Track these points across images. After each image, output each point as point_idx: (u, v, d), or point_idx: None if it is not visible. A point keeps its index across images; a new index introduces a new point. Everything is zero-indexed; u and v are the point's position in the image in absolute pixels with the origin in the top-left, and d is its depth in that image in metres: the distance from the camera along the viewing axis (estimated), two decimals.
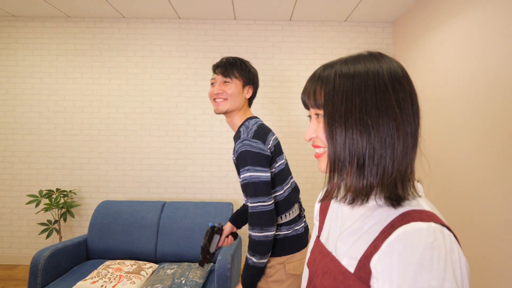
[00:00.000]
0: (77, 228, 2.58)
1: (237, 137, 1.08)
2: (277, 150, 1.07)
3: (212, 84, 1.14)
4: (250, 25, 2.68)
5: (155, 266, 2.00)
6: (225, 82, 1.10)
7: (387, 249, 0.40)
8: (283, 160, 1.09)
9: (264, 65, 2.67)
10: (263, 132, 1.05)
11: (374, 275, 0.42)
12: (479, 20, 1.77)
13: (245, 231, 2.61)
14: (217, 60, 2.65)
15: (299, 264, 1.04)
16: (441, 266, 0.36)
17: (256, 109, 2.63)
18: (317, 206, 0.68)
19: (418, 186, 0.47)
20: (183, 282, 1.76)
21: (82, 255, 2.16)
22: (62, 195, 2.47)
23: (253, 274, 1.00)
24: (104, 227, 2.20)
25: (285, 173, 1.09)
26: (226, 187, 2.60)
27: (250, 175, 0.98)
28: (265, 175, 0.99)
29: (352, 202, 0.47)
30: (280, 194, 1.06)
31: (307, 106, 0.53)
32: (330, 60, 0.52)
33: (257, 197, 0.97)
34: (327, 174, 0.48)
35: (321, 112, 0.48)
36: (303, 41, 2.70)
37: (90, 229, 2.20)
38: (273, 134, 1.11)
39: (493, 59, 1.65)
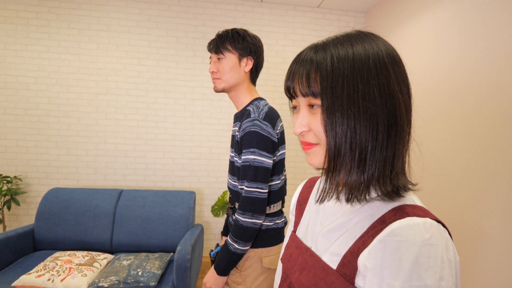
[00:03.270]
0: (24, 216, 2.38)
1: (243, 115, 1.02)
2: (282, 138, 1.04)
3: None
4: (218, 3, 2.51)
5: (110, 257, 1.91)
6: (219, 58, 1.03)
7: (379, 245, 0.37)
8: (285, 150, 1.07)
9: None
10: (273, 116, 1.01)
11: (360, 272, 0.39)
12: (450, 12, 1.80)
13: (208, 219, 2.58)
14: (181, 39, 2.48)
15: (276, 258, 1.04)
16: (437, 264, 0.34)
17: (223, 95, 2.53)
18: (294, 200, 0.65)
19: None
20: (140, 273, 1.70)
21: (28, 246, 2.01)
22: (5, 181, 2.24)
23: (231, 260, 0.98)
24: (54, 216, 2.05)
25: (284, 163, 1.07)
26: (189, 175, 2.52)
27: (254, 158, 0.94)
28: (268, 161, 0.96)
29: (351, 198, 0.43)
30: (276, 184, 1.04)
31: (293, 95, 0.46)
32: (302, 47, 0.46)
33: (256, 182, 0.94)
34: (326, 172, 0.44)
35: (317, 101, 0.42)
36: (274, 25, 2.60)
37: (37, 218, 2.04)
38: (281, 121, 1.07)
39: (467, 49, 1.67)
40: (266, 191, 0.96)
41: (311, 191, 0.61)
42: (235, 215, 0.97)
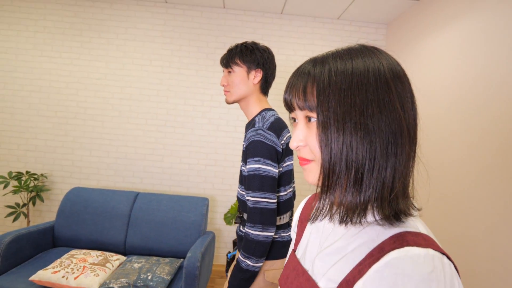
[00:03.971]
0: (47, 213, 2.50)
1: (250, 125, 1.03)
2: (289, 149, 1.03)
3: None
4: (239, 15, 2.58)
5: (122, 258, 1.94)
6: (229, 72, 1.07)
7: (375, 276, 0.34)
8: (292, 162, 1.05)
9: None
10: (279, 126, 1.01)
11: None
12: (475, 26, 1.73)
13: (220, 227, 2.57)
14: (202, 48, 2.56)
15: (279, 273, 1.00)
16: None
17: None
18: (295, 217, 0.63)
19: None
20: (149, 277, 1.71)
21: (48, 242, 2.09)
22: (32, 178, 2.38)
23: (244, 279, 0.93)
24: (73, 214, 2.13)
25: (291, 175, 1.05)
26: (204, 181, 2.54)
27: (259, 167, 0.93)
28: (274, 170, 0.94)
29: (345, 220, 0.40)
30: (282, 195, 1.01)
31: (291, 107, 0.45)
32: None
33: (263, 192, 0.92)
34: (320, 189, 0.42)
35: (313, 114, 0.41)
36: (293, 36, 2.62)
37: (58, 215, 2.13)
38: (288, 131, 1.06)
39: (491, 65, 1.60)
40: (275, 201, 0.93)
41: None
42: (245, 229, 0.94)
